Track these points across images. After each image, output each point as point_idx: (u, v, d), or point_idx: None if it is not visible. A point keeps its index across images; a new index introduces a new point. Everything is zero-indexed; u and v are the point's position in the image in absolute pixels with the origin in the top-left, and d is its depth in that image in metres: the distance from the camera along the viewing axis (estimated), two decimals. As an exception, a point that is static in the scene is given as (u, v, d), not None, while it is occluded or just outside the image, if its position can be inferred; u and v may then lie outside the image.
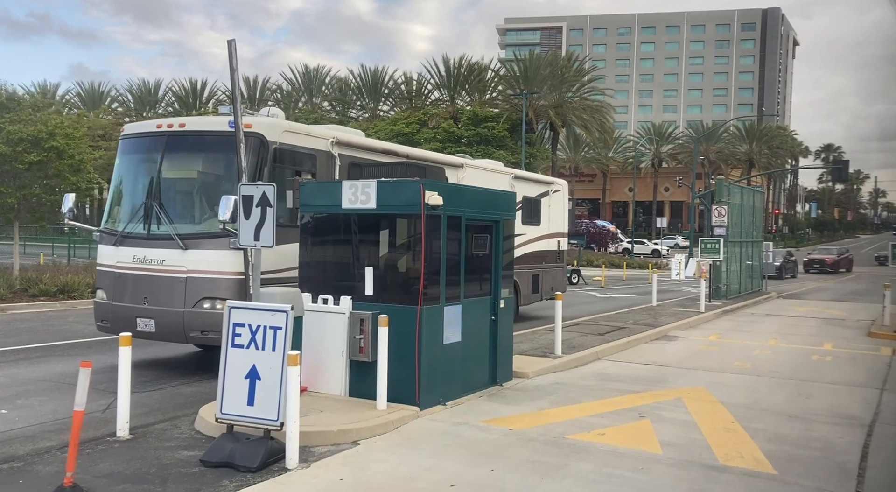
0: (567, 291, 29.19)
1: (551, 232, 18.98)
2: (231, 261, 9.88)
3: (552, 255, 19.07)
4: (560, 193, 19.65)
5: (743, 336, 16.95)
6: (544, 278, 18.49)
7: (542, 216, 18.44)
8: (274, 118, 11.05)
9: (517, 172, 18.15)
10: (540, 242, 18.22)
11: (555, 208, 19.19)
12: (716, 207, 25.26)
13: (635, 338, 15.37)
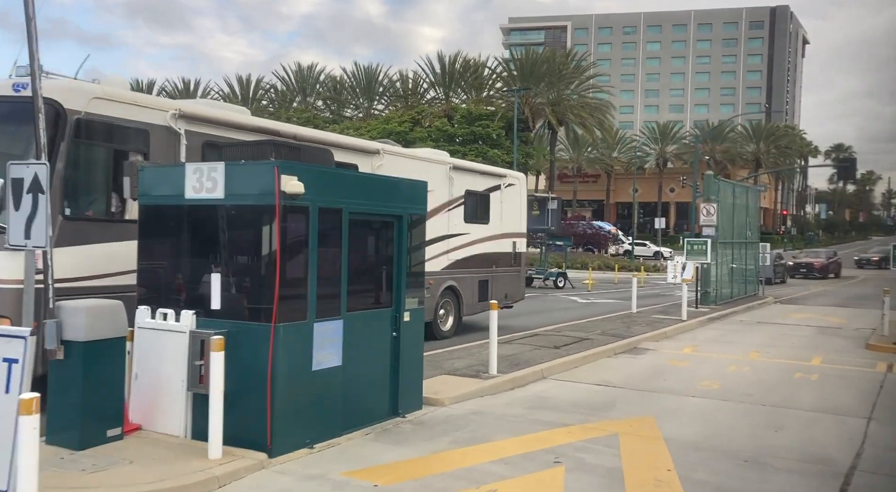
0: (548, 296, 27.52)
1: (504, 232, 17.02)
2: (6, 266, 7.48)
3: (505, 257, 17.07)
4: (515, 188, 17.61)
5: (722, 348, 15.15)
6: (495, 284, 16.54)
7: (493, 214, 16.51)
8: (82, 82, 8.87)
9: (457, 162, 16.05)
10: (489, 242, 16.30)
11: (509, 205, 17.19)
12: (704, 205, 23.45)
13: (596, 352, 13.60)
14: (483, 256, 16.09)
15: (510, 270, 17.29)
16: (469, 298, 15.66)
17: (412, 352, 8.53)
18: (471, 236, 15.54)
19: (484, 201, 16.23)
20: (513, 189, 17.46)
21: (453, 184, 14.89)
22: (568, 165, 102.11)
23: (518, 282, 17.90)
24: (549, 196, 32.15)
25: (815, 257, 45.49)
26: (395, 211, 8.19)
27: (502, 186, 16.96)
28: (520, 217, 17.83)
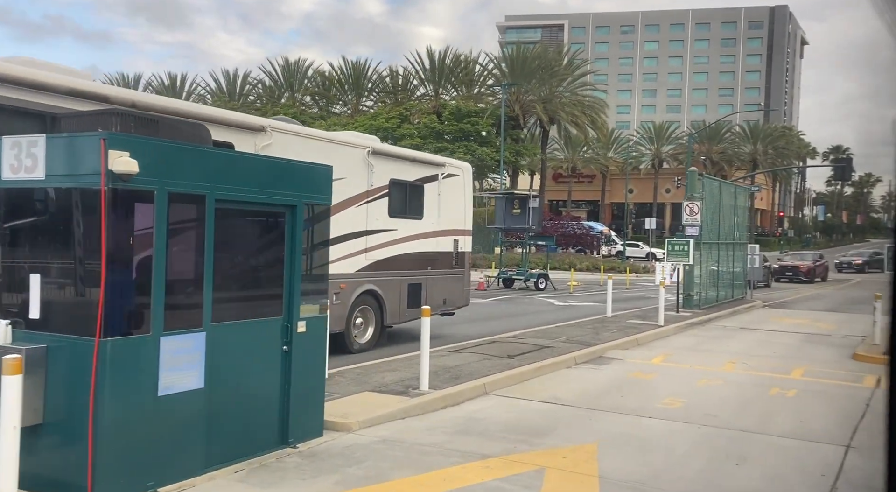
0: (524, 299, 26.20)
1: (443, 228, 15.09)
2: None
3: (444, 257, 15.14)
4: (458, 179, 15.70)
5: (696, 358, 13.85)
6: (431, 288, 14.69)
7: (428, 207, 14.56)
8: None
9: (379, 146, 13.76)
10: (422, 240, 14.48)
11: (449, 198, 15.28)
12: (687, 204, 22.17)
13: (555, 362, 12.30)
14: (414, 256, 14.19)
15: (450, 271, 15.38)
16: (395, 304, 13.73)
17: (310, 369, 7.22)
18: (398, 233, 13.72)
19: (415, 193, 14.28)
20: (454, 181, 15.55)
21: (373, 171, 13.03)
22: (563, 165, 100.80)
23: (460, 285, 15.91)
24: (529, 194, 30.89)
25: (801, 260, 43.45)
26: (285, 200, 6.88)
27: (440, 176, 15.01)
28: (463, 212, 15.92)
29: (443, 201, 15.05)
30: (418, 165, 14.55)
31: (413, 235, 14.17)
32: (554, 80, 63.20)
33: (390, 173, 13.49)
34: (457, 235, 15.63)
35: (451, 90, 67.44)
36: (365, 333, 13.22)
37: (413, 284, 14.18)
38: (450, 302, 15.25)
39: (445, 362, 11.46)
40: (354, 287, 12.60)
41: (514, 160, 61.51)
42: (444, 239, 15.21)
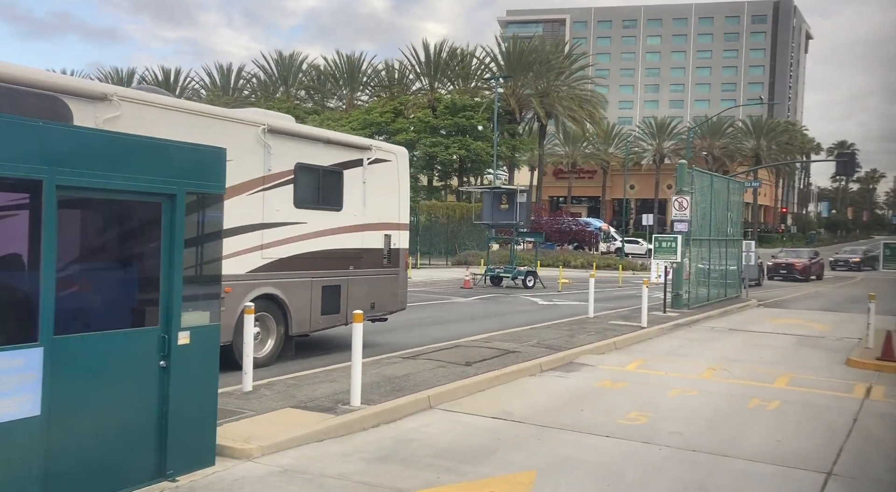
0: (508, 298, 25.12)
1: (370, 222, 13.15)
2: None
3: (371, 255, 13.17)
4: (390, 165, 13.68)
5: (674, 365, 12.81)
6: (354, 291, 12.74)
7: (349, 197, 12.56)
8: None
9: (280, 123, 11.55)
10: (342, 236, 12.54)
11: (379, 187, 13.27)
12: (676, 198, 21.12)
13: (517, 369, 11.27)
14: (331, 254, 12.22)
15: (380, 271, 13.43)
16: (302, 310, 11.67)
17: (196, 387, 6.20)
18: (307, 227, 11.78)
19: (332, 181, 12.29)
20: (385, 167, 13.54)
21: (271, 153, 11.09)
22: (563, 161, 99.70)
23: (394, 286, 13.82)
24: (517, 189, 29.79)
25: (796, 258, 41.62)
26: (160, 187, 5.84)
27: (365, 161, 12.97)
28: (397, 203, 13.87)
29: (370, 191, 13.07)
30: (335, 148, 12.47)
31: (329, 230, 12.26)
32: (551, 73, 62.14)
33: (296, 157, 11.57)
34: (389, 229, 13.65)
35: (448, 84, 66.41)
36: (264, 345, 11.23)
37: (329, 287, 12.25)
38: (380, 306, 13.23)
39: (393, 371, 10.44)
40: (246, 291, 10.62)
41: (510, 155, 60.42)
42: (372, 234, 13.27)
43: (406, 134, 57.77)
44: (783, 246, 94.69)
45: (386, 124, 58.54)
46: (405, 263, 14.32)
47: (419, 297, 24.22)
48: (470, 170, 60.12)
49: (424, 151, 57.31)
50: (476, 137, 57.10)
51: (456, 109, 57.40)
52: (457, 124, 56.95)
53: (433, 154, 56.49)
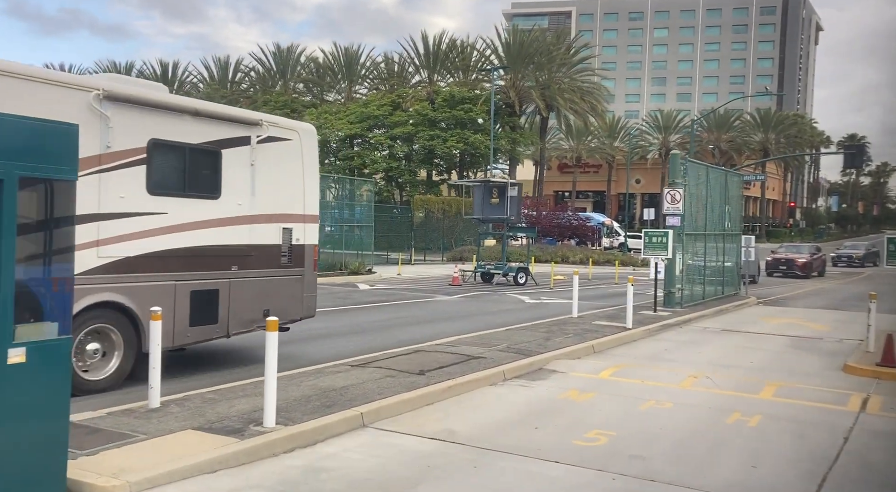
0: (494, 296, 24.01)
1: (262, 213, 10.95)
2: None
3: (265, 254, 11.01)
4: (290, 146, 11.43)
5: (653, 371, 11.73)
6: (240, 296, 10.57)
7: (229, 183, 10.38)
8: None
9: (122, 89, 9.28)
10: (220, 229, 10.31)
11: (274, 171, 11.14)
12: (668, 191, 20.00)
13: (476, 378, 10.21)
14: (203, 252, 10.06)
15: (278, 272, 11.25)
16: (164, 320, 8.59)
17: (35, 415, 5.16)
18: (168, 218, 9.65)
19: (204, 162, 10.13)
20: (283, 147, 11.32)
21: (111, 127, 9.00)
22: (567, 155, 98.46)
23: (297, 289, 11.61)
24: (507, 182, 28.69)
25: (796, 253, 39.89)
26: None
27: (254, 139, 10.74)
28: (301, 191, 11.63)
29: (262, 175, 10.90)
30: (209, 122, 10.22)
31: (200, 222, 10.07)
32: (552, 65, 60.90)
33: (151, 131, 9.47)
34: (290, 221, 11.45)
35: (448, 77, 65.28)
36: (106, 365, 9.15)
37: (201, 292, 10.04)
38: (279, 312, 10.51)
39: (332, 383, 9.40)
40: (76, 297, 8.14)
41: (510, 149, 59.26)
42: (265, 228, 11.06)
43: (404, 127, 56.72)
44: (791, 241, 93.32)
45: (384, 117, 57.49)
46: (314, 261, 12.03)
47: (401, 295, 23.22)
48: (469, 164, 59.00)
49: (422, 145, 56.25)
50: (476, 131, 55.97)
51: (454, 102, 56.29)
52: (455, 117, 55.84)
53: (431, 147, 55.41)
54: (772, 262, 38.19)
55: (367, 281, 28.53)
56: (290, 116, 65.08)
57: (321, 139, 60.56)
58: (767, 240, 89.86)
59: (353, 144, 60.11)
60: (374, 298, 22.17)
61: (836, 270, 46.58)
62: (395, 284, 27.29)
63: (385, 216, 47.06)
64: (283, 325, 10.81)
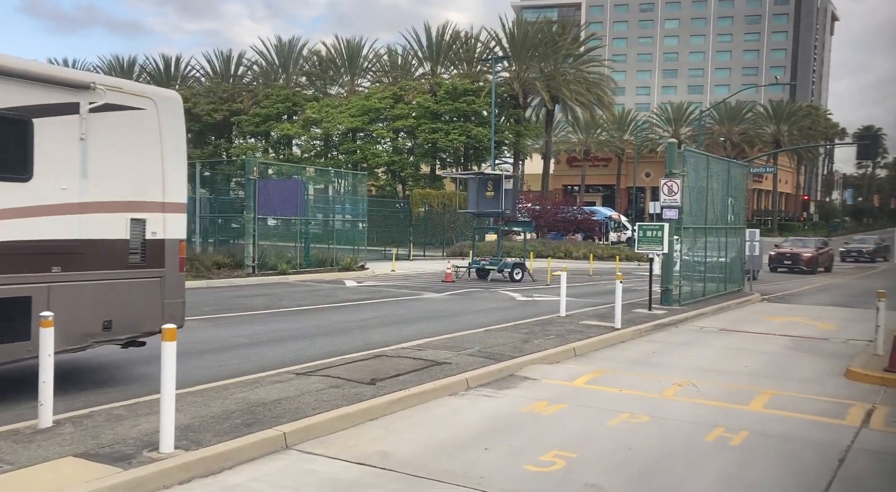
0: (485, 293, 22.91)
1: (100, 200, 8.67)
2: None
3: (105, 251, 8.72)
4: (142, 117, 9.03)
5: (635, 378, 10.67)
6: (67, 304, 8.29)
7: (48, 161, 8.14)
8: None
9: None
10: (33, 220, 8.08)
11: (118, 148, 8.85)
12: (665, 182, 18.89)
13: (434, 387, 9.21)
14: (8, 249, 7.83)
15: (124, 274, 8.93)
16: None
17: None
18: None
19: (6, 134, 7.87)
20: (131, 118, 8.94)
21: None
22: (576, 148, 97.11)
23: (152, 295, 9.21)
24: (503, 174, 27.62)
25: (802, 247, 37.57)
26: None
27: (84, 106, 8.45)
28: (160, 173, 9.24)
29: (96, 153, 8.60)
30: (11, 83, 7.85)
31: None
32: (558, 56, 59.67)
33: None
34: (142, 211, 9.04)
35: (452, 68, 64.21)
36: None
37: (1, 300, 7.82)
38: (126, 324, 8.90)
39: (265, 395, 8.40)
40: None
41: (515, 142, 58.15)
42: (105, 218, 8.72)
43: (406, 120, 55.74)
44: (805, 235, 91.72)
45: (385, 110, 56.51)
46: (181, 260, 9.58)
47: (387, 292, 22.24)
48: (473, 157, 57.92)
49: (425, 138, 55.23)
50: (479, 123, 54.89)
51: (457, 94, 55.23)
52: (458, 110, 54.78)
53: (434, 141, 54.37)
54: (775, 256, 36.35)
55: (358, 277, 27.58)
56: (291, 110, 64.27)
57: (323, 133, 59.74)
58: (780, 234, 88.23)
59: (355, 138, 59.18)
60: (358, 295, 21.19)
61: (845, 265, 44.89)
62: (384, 281, 26.32)
63: (386, 211, 46.14)
64: (135, 338, 9.19)
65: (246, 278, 24.50)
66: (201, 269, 23.96)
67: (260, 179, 27.14)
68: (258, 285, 23.32)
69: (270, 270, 26.25)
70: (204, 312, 16.47)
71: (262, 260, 26.25)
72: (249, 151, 63.83)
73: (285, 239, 29.07)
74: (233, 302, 18.58)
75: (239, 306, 17.73)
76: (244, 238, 26.07)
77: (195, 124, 66.66)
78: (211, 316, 15.83)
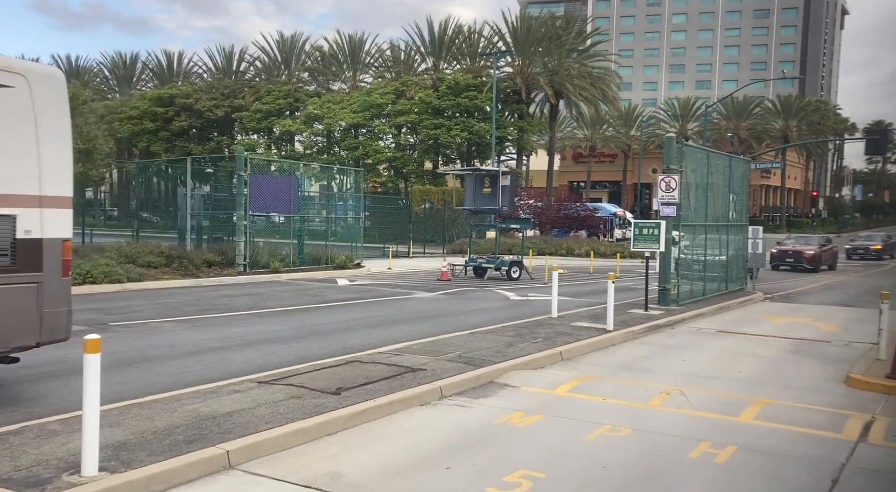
0: (479, 291, 22.31)
1: None
2: None
3: None
4: (11, 95, 7.68)
5: (621, 385, 10.08)
6: None
7: None
8: None
9: None
10: None
11: None
12: (662, 178, 18.27)
13: (404, 397, 8.64)
14: None
15: None
16: None
17: None
18: None
19: None
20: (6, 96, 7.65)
21: None
22: (582, 144, 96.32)
23: (27, 304, 7.86)
24: (499, 171, 27.02)
25: (805, 244, 36.33)
26: None
27: None
28: (34, 161, 7.85)
29: None
30: None
31: None
32: (561, 50, 58.92)
33: None
34: (11, 205, 7.69)
35: (455, 64, 63.57)
36: None
37: None
38: None
39: (218, 407, 7.85)
40: None
41: (518, 137, 57.50)
42: None
43: (408, 116, 55.14)
44: (813, 231, 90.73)
45: (386, 105, 55.92)
46: (63, 262, 8.20)
47: (378, 291, 21.69)
48: (476, 154, 57.28)
49: (426, 134, 54.63)
50: (482, 119, 54.26)
51: (459, 89, 54.59)
52: (460, 105, 54.14)
53: (436, 136, 53.77)
54: (777, 254, 35.30)
55: (352, 276, 27.03)
56: (293, 106, 63.73)
57: (324, 129, 59.18)
58: (788, 230, 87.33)
59: (357, 134, 58.64)
60: (348, 295, 20.64)
61: (853, 263, 43.80)
62: (379, 280, 25.76)
63: (387, 208, 45.61)
64: (8, 354, 8.00)
65: (236, 277, 23.98)
66: (190, 267, 23.44)
67: (253, 175, 26.66)
68: (247, 284, 22.79)
69: (262, 268, 25.74)
70: (184, 313, 15.96)
71: (254, 258, 25.74)
72: (250, 147, 63.40)
73: (284, 236, 28.54)
74: (216, 302, 18.06)
75: (221, 307, 17.20)
76: (239, 236, 25.55)
77: (197, 120, 66.25)
78: (189, 317, 15.31)
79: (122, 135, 67.77)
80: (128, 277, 20.85)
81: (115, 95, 79.35)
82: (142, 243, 25.91)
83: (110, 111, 70.33)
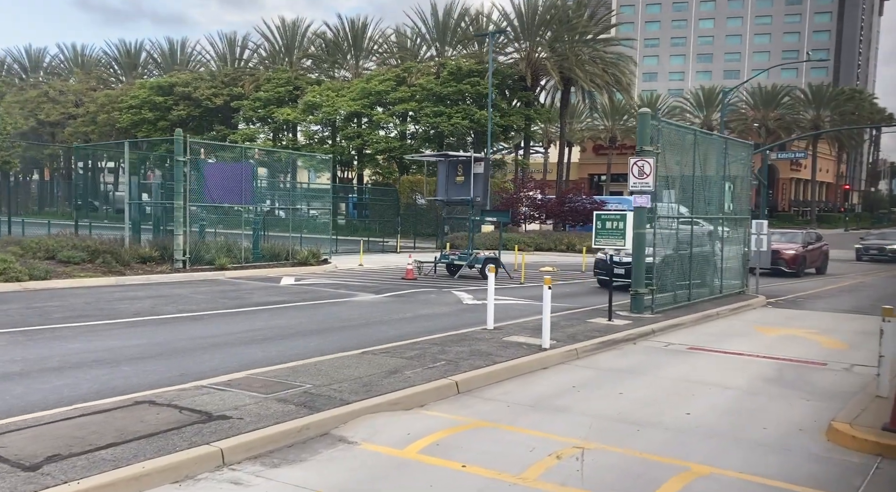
0: (433, 295, 19.34)
1: None
2: None
3: None
4: None
5: (512, 435, 7.21)
6: None
7: None
8: None
9: None
10: None
11: None
12: (635, 161, 15.27)
13: (145, 472, 5.87)
14: None
15: None
16: None
17: None
18: None
19: None
20: None
21: None
22: (601, 136, 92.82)
23: None
24: (471, 156, 24.13)
25: (786, 243, 29.21)
26: None
27: None
28: None
29: None
30: None
31: None
32: (573, 34, 55.62)
33: None
34: None
35: (461, 48, 60.60)
36: None
37: None
38: None
39: None
40: None
41: (524, 126, 54.42)
42: None
43: (408, 104, 52.34)
44: (844, 227, 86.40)
45: (386, 93, 53.17)
46: None
47: (319, 293, 19.03)
48: (480, 143, 54.33)
49: (427, 123, 51.78)
50: (484, 106, 51.28)
51: (461, 75, 51.64)
52: (462, 91, 51.20)
53: (436, 124, 50.90)
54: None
55: (306, 274, 24.33)
56: (294, 95, 61.13)
57: (324, 117, 56.49)
58: (819, 225, 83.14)
59: (359, 123, 55.97)
60: (277, 298, 17.93)
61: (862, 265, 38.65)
62: (334, 279, 23.04)
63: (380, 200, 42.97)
64: None
65: (170, 274, 21.40)
66: (114, 264, 20.88)
67: (203, 162, 24.09)
68: (174, 283, 20.17)
69: (207, 264, 23.15)
70: (50, 320, 13.37)
71: (197, 253, 23.16)
72: (250, 137, 61.00)
73: (246, 229, 25.80)
74: (108, 306, 15.45)
75: (107, 312, 14.58)
76: (178, 228, 22.95)
77: (196, 110, 64.05)
78: (44, 326, 12.68)
79: (122, 125, 65.86)
80: (30, 276, 18.35)
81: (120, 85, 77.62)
82: (72, 236, 23.42)
83: (111, 100, 68.46)
